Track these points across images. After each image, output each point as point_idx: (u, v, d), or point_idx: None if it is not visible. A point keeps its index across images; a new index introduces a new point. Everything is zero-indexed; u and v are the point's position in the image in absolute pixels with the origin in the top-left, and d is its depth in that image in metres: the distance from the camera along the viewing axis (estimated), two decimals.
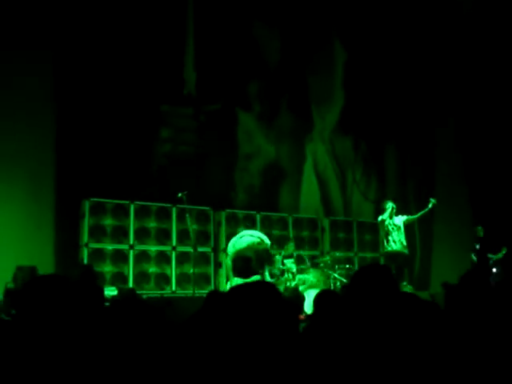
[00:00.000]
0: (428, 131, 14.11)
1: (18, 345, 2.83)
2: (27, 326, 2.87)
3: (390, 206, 10.33)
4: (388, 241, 10.18)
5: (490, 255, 11.00)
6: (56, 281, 3.09)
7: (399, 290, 2.93)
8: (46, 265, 8.62)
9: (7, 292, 7.17)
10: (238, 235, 9.57)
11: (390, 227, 10.21)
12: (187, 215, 8.88)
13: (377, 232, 12.64)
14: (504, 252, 10.94)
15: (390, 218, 10.26)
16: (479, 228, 11.34)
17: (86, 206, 9.60)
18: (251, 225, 11.04)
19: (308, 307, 7.70)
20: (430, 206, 10.45)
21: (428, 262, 13.61)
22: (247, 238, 9.35)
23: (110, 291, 8.16)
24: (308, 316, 6.85)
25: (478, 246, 11.15)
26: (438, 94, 14.08)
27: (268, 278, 9.28)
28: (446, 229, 13.49)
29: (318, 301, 4.05)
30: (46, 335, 2.93)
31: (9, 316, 6.56)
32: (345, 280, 10.43)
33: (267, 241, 9.48)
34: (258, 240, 9.36)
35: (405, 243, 10.28)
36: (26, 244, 9.01)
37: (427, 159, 14.17)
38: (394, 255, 10.14)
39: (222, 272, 10.51)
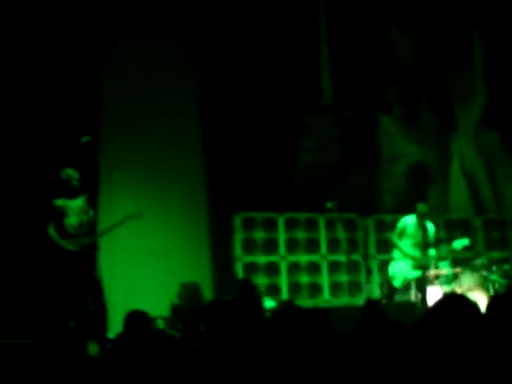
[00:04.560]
0: None
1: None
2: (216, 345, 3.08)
3: None
4: None
5: None
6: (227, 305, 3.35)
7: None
8: (204, 280, 8.97)
9: (174, 309, 7.64)
10: None
11: None
12: (338, 224, 8.93)
13: None
14: None
15: None
16: None
17: (237, 220, 9.94)
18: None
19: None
20: None
21: None
22: None
23: (268, 303, 8.39)
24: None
25: None
26: None
27: None
28: None
29: None
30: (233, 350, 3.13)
31: (177, 331, 6.98)
32: (504, 281, 9.94)
33: None
34: None
35: None
36: (185, 261, 9.36)
37: None
38: None
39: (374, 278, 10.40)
